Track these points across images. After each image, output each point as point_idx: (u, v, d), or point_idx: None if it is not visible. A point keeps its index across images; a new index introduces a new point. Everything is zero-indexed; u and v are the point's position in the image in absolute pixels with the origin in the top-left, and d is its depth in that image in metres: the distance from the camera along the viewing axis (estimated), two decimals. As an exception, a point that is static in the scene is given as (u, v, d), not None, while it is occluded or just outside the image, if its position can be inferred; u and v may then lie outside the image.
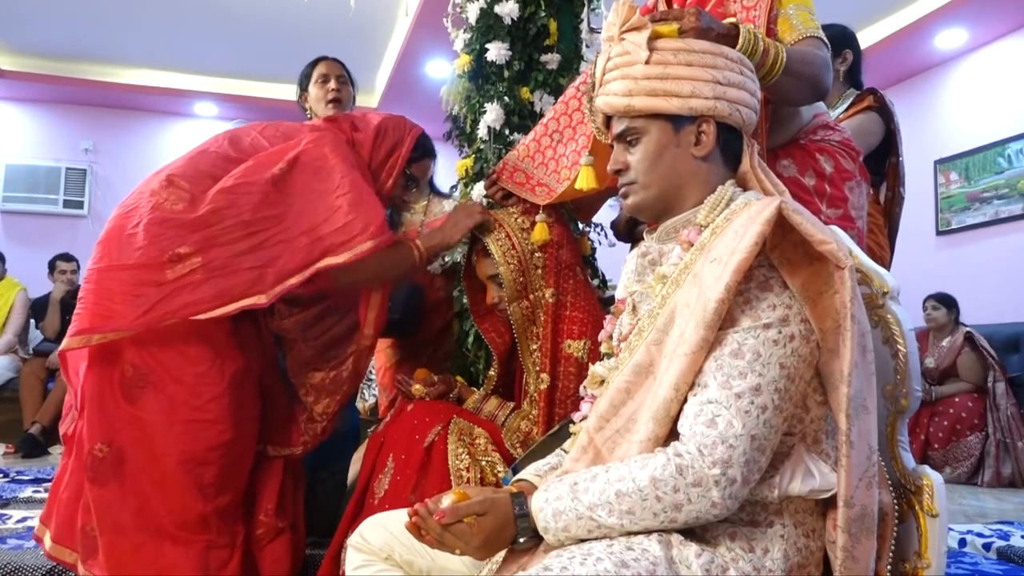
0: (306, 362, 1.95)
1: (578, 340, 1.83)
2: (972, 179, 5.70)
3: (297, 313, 1.94)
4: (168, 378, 1.71)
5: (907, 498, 1.12)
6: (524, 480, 1.22)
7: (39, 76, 6.59)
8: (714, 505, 0.97)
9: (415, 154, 2.11)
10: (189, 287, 1.68)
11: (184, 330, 1.70)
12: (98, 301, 1.70)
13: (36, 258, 5.98)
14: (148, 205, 1.76)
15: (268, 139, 1.94)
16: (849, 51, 2.78)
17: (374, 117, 2.10)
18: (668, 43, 1.18)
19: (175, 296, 1.67)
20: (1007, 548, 2.57)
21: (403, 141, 2.08)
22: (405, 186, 2.14)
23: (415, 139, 2.10)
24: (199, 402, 1.71)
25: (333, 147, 1.88)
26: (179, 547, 1.67)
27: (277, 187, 1.80)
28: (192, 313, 1.67)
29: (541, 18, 2.31)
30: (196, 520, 1.69)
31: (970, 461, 4.51)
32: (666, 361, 1.06)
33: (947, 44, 5.68)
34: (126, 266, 1.71)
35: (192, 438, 1.69)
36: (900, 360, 1.12)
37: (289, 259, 1.74)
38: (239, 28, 5.92)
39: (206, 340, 1.73)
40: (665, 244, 1.23)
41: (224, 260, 1.72)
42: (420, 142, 2.12)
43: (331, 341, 1.97)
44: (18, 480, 3.70)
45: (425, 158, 2.17)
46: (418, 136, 2.12)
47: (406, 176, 2.11)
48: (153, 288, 1.68)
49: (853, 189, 1.78)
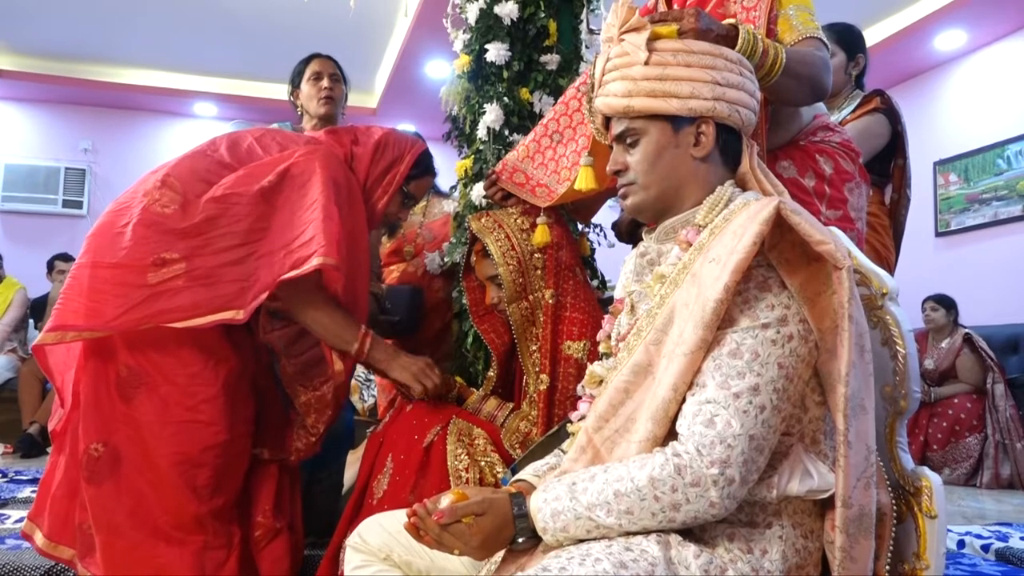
0: (291, 379, 1.93)
1: (577, 341, 1.83)
2: (971, 180, 5.70)
3: (279, 328, 1.90)
4: (161, 379, 1.70)
5: (906, 499, 1.12)
6: (523, 480, 1.22)
7: (39, 76, 6.60)
8: (712, 505, 0.97)
9: (414, 171, 2.04)
10: (168, 293, 1.67)
11: (176, 332, 1.69)
12: (78, 298, 1.68)
13: (35, 258, 5.98)
14: (139, 205, 1.74)
15: (264, 148, 1.91)
16: (861, 55, 2.79)
17: (377, 131, 2.05)
18: (667, 44, 1.19)
19: (154, 300, 1.66)
20: (1006, 550, 2.57)
21: (402, 158, 2.02)
22: (401, 203, 2.07)
23: (416, 156, 2.04)
24: (192, 403, 1.70)
25: (324, 163, 1.83)
26: (174, 547, 1.67)
27: (266, 199, 1.78)
28: (168, 320, 1.66)
29: (541, 19, 2.31)
30: (191, 521, 1.69)
31: (969, 462, 4.52)
32: (665, 361, 1.06)
33: (947, 45, 5.68)
34: (110, 264, 1.69)
35: (186, 439, 1.69)
36: (899, 361, 1.12)
37: (266, 273, 1.71)
38: (239, 28, 5.93)
39: (199, 342, 1.72)
40: (664, 244, 1.23)
41: (208, 270, 1.70)
42: (421, 159, 2.06)
43: (310, 361, 1.93)
44: (17, 480, 3.70)
45: (425, 176, 2.10)
46: (419, 153, 2.05)
47: (403, 194, 2.05)
48: (134, 290, 1.66)
49: (853, 190, 1.78)
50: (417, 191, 2.09)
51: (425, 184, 2.12)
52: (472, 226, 1.94)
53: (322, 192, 1.76)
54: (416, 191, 2.08)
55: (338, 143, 1.98)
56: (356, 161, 1.97)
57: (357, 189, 1.93)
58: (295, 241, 1.72)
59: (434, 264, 2.87)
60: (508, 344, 1.99)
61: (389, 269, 3.03)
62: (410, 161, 2.02)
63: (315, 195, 1.76)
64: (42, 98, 6.99)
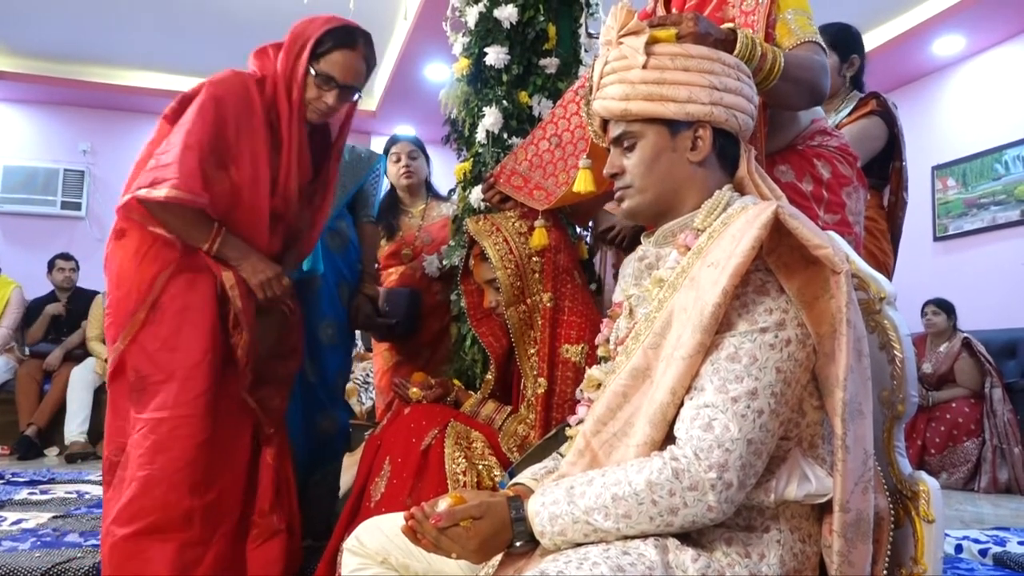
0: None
1: (576, 344, 1.83)
2: (969, 185, 5.71)
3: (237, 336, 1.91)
4: (161, 376, 1.78)
5: (903, 503, 1.12)
6: (520, 484, 1.22)
7: (37, 77, 6.59)
8: (710, 509, 0.97)
9: (322, 48, 1.88)
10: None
11: (175, 323, 1.79)
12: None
13: (34, 259, 5.97)
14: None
15: None
16: (857, 56, 2.76)
17: (298, 23, 1.95)
18: (665, 48, 1.19)
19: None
20: (1003, 554, 2.57)
21: (308, 39, 1.88)
22: (319, 87, 1.90)
23: (321, 32, 1.87)
24: (188, 397, 1.77)
25: (213, 82, 1.85)
26: (157, 543, 1.71)
27: (168, 122, 1.89)
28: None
29: (540, 22, 2.31)
30: (181, 516, 1.74)
31: (967, 467, 4.52)
32: (663, 365, 1.06)
33: (945, 50, 5.69)
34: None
35: (181, 434, 1.75)
36: (897, 365, 1.12)
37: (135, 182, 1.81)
38: (237, 30, 5.92)
39: (197, 329, 1.80)
40: (662, 248, 1.23)
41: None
42: (329, 35, 1.88)
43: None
44: (13, 482, 3.69)
45: (337, 50, 1.89)
46: (328, 29, 1.88)
47: (317, 75, 1.88)
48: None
49: (851, 195, 1.78)
50: (332, 69, 1.89)
51: (340, 60, 1.90)
52: (470, 229, 1.95)
53: (196, 114, 1.81)
54: (331, 69, 1.89)
55: (262, 61, 1.95)
56: (274, 71, 1.91)
57: (255, 104, 1.87)
58: (159, 158, 1.79)
59: (432, 267, 2.87)
60: (506, 347, 1.99)
61: (387, 272, 3.03)
62: (316, 37, 1.87)
63: (187, 117, 1.82)
64: (41, 100, 6.99)
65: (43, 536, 2.40)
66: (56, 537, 2.39)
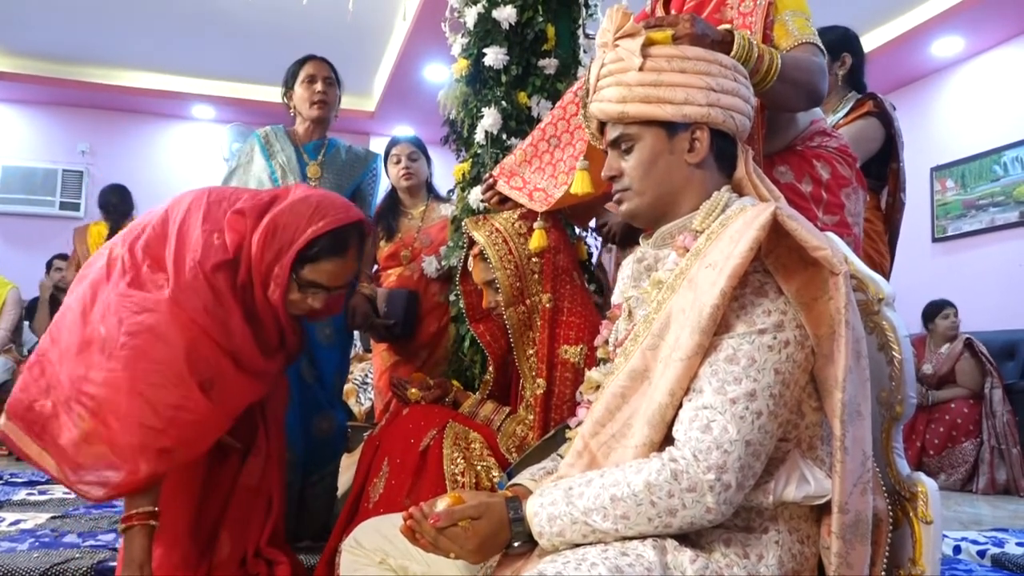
0: None
1: (575, 345, 1.83)
2: (968, 186, 5.72)
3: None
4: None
5: (902, 504, 1.12)
6: (519, 485, 1.22)
7: (36, 78, 6.60)
8: (709, 510, 0.97)
9: (309, 252, 1.66)
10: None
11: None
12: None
13: (32, 260, 5.97)
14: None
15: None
16: (848, 55, 2.75)
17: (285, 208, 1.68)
18: (662, 50, 1.19)
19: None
20: (1001, 555, 2.57)
21: (291, 243, 1.65)
22: (302, 291, 1.70)
23: (309, 239, 1.64)
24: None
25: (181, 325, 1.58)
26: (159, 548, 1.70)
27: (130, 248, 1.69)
28: None
29: (539, 23, 2.31)
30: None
31: (965, 468, 4.52)
32: (661, 366, 1.06)
33: (944, 52, 5.70)
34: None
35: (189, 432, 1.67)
36: (895, 367, 1.12)
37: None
38: (236, 31, 5.93)
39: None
40: (661, 249, 1.23)
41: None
42: (319, 240, 1.65)
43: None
44: (12, 483, 3.69)
45: (325, 259, 1.67)
46: (317, 235, 1.65)
47: (300, 282, 1.68)
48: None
49: (850, 196, 1.79)
50: (321, 277, 1.68)
51: (329, 268, 1.69)
52: (469, 229, 1.95)
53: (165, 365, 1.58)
54: (319, 277, 1.68)
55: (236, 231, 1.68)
56: (249, 250, 1.68)
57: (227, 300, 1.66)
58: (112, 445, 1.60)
59: (431, 268, 2.88)
60: (505, 348, 1.99)
61: (386, 273, 3.03)
62: (300, 245, 1.64)
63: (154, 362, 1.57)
64: (40, 100, 6.98)
65: (41, 537, 2.39)
66: (54, 538, 2.38)
